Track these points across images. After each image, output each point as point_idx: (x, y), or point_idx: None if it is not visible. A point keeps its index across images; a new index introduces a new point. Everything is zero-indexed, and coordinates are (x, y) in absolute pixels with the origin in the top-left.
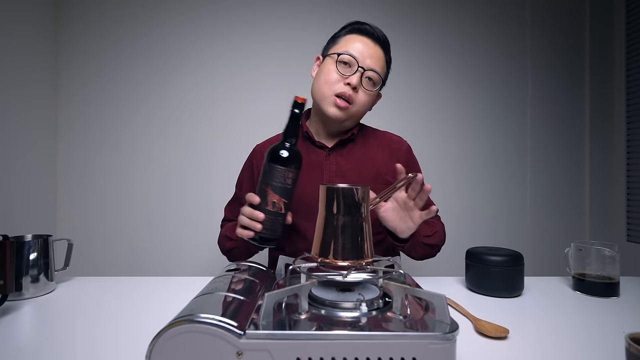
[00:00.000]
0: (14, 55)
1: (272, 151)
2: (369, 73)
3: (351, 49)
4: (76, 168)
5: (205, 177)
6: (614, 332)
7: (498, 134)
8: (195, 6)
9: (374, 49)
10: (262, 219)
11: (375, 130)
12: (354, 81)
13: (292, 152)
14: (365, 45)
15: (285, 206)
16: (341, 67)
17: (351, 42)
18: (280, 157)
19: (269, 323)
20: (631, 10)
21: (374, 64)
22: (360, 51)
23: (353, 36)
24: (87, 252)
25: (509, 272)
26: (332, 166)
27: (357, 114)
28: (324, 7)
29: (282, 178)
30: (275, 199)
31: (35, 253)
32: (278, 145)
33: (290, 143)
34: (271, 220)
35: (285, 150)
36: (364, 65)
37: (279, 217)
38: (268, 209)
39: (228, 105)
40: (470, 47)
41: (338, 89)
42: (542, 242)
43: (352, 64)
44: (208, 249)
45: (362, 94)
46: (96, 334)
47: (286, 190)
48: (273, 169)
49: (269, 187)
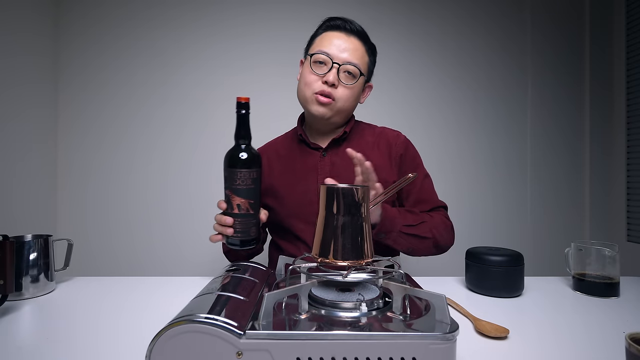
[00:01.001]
0: (14, 55)
1: (228, 156)
2: (346, 67)
3: (324, 46)
4: (76, 168)
5: (205, 177)
6: (614, 332)
7: (498, 134)
8: (195, 6)
9: (348, 41)
10: (230, 224)
11: (372, 126)
12: (330, 78)
13: (247, 153)
14: (339, 39)
15: (251, 206)
16: (316, 67)
17: (325, 40)
18: (236, 160)
19: (269, 323)
20: (631, 10)
21: (350, 57)
22: (334, 47)
23: (326, 34)
24: (87, 252)
25: (509, 272)
26: (326, 167)
27: (343, 108)
28: (323, 7)
29: (242, 180)
30: (239, 201)
31: (35, 253)
32: (232, 149)
33: (245, 144)
34: (241, 223)
35: (240, 153)
36: (339, 60)
37: (249, 217)
38: (235, 213)
39: (228, 105)
40: (470, 47)
41: (316, 88)
42: (542, 242)
43: (326, 61)
44: (208, 249)
45: (343, 89)
46: (96, 334)
47: (249, 190)
48: (231, 173)
49: (230, 191)
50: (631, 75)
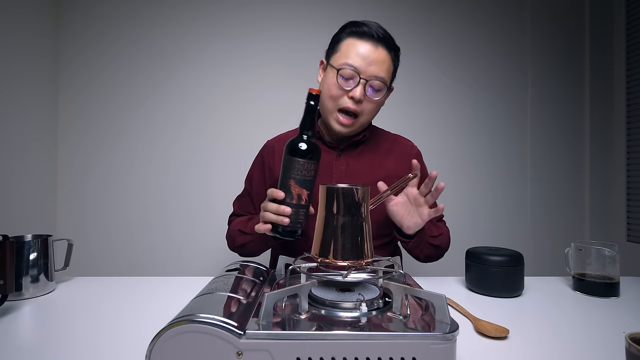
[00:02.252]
0: (14, 55)
1: (291, 145)
2: (373, 82)
3: (351, 59)
4: (76, 168)
5: (205, 176)
6: (614, 332)
7: (498, 134)
8: (195, 6)
9: (375, 52)
10: (289, 213)
11: (387, 133)
12: (357, 95)
13: (311, 144)
14: (366, 50)
15: (308, 198)
16: (343, 81)
17: (351, 49)
18: (300, 149)
19: (269, 323)
20: (631, 10)
21: (377, 70)
22: (361, 59)
23: (352, 41)
24: (87, 252)
25: (509, 272)
26: (342, 167)
27: (366, 122)
28: (323, 6)
29: (304, 170)
30: (299, 191)
31: (35, 253)
32: (296, 138)
33: (308, 135)
34: (297, 213)
35: (303, 143)
36: (366, 75)
37: (304, 208)
38: (293, 203)
39: (228, 105)
40: (470, 48)
41: (342, 103)
42: (542, 242)
43: (354, 76)
44: (208, 248)
45: (368, 103)
46: (96, 334)
47: (308, 182)
48: (294, 162)
49: (292, 180)
50: (631, 75)
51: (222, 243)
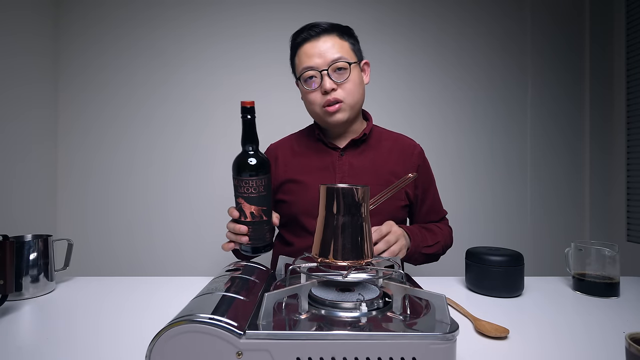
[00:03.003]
0: (14, 56)
1: (237, 163)
2: (333, 66)
3: (304, 62)
4: (76, 168)
5: (205, 177)
6: (614, 332)
7: (498, 134)
8: (195, 6)
9: (318, 44)
10: (245, 232)
11: (389, 132)
12: (327, 86)
13: (256, 159)
14: (310, 48)
15: (265, 213)
16: (309, 83)
17: (302, 56)
18: (246, 167)
19: (269, 323)
20: (631, 10)
21: (330, 55)
22: (310, 57)
23: (299, 50)
24: (87, 252)
25: (509, 272)
26: (344, 167)
27: (354, 102)
28: (323, 7)
29: (254, 187)
30: (252, 209)
31: (35, 253)
32: (240, 156)
33: (251, 150)
34: (255, 230)
35: (249, 159)
36: (323, 65)
37: (263, 224)
38: (249, 221)
39: (228, 105)
40: (470, 47)
41: (321, 101)
42: (542, 242)
43: (314, 74)
44: (208, 248)
45: (343, 85)
46: (96, 334)
47: (261, 198)
48: (242, 182)
49: (242, 199)
50: (631, 75)
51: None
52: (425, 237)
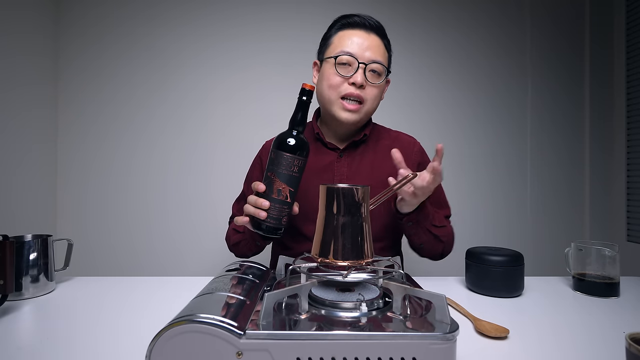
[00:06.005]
0: (14, 56)
1: (279, 139)
2: (372, 66)
3: (346, 46)
4: (76, 168)
5: (205, 177)
6: (614, 332)
7: (498, 134)
8: (195, 6)
9: (369, 39)
10: (267, 207)
11: (388, 130)
12: (358, 79)
13: (299, 140)
14: (360, 37)
15: (290, 195)
16: (341, 68)
17: (345, 39)
18: (287, 144)
19: (269, 323)
20: (631, 10)
21: (374, 55)
22: (356, 45)
23: (345, 32)
24: (87, 252)
25: (509, 272)
26: (343, 168)
27: (371, 109)
28: (323, 7)
29: (289, 166)
30: (280, 186)
31: (35, 253)
32: (285, 133)
33: (297, 131)
34: (276, 209)
35: (292, 138)
36: (363, 59)
37: (285, 205)
38: (273, 197)
39: (228, 105)
40: (469, 48)
41: (343, 90)
42: (542, 242)
43: (352, 62)
44: (208, 248)
45: (370, 88)
46: (96, 334)
47: (292, 178)
48: (279, 157)
49: (274, 174)
50: (631, 75)
51: (221, 243)
52: (435, 216)
